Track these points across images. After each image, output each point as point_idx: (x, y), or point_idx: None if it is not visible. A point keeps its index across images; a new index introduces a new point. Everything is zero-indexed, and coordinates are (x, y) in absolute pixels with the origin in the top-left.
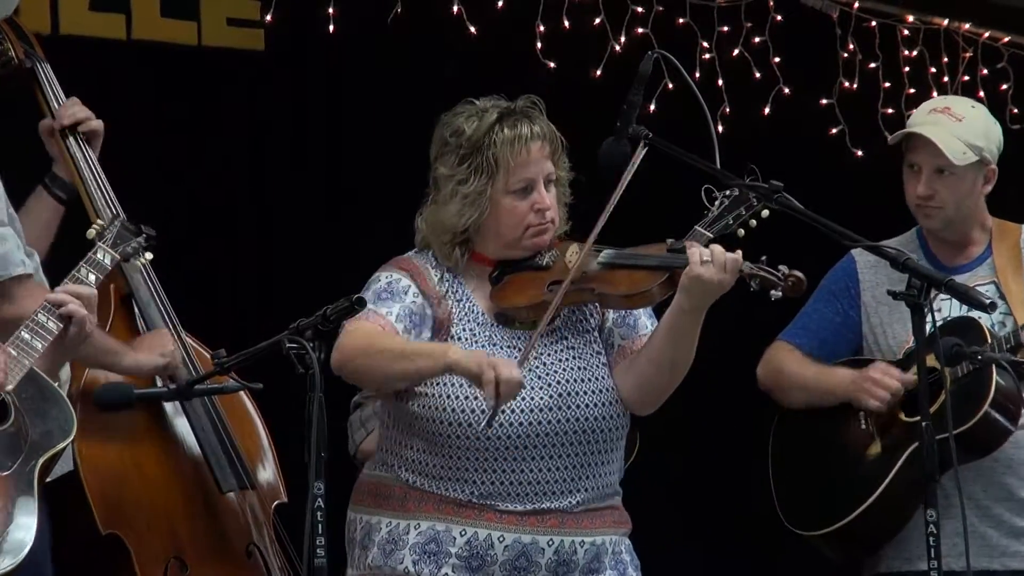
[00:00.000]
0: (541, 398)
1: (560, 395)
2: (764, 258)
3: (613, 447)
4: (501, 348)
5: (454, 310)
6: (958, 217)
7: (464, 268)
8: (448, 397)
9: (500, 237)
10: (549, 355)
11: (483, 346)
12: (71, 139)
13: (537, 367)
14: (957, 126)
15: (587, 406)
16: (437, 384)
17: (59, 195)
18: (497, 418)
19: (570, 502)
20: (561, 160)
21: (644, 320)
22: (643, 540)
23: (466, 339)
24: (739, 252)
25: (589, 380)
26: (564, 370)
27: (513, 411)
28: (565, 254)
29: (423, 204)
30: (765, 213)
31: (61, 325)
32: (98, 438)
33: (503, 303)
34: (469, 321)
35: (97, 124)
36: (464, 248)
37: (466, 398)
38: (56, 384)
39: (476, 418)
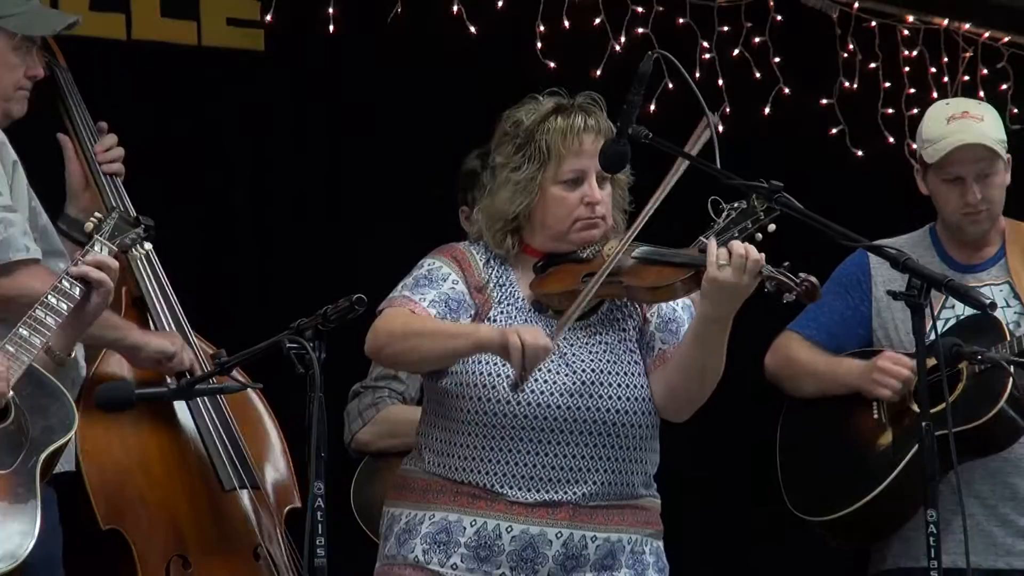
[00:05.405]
0: (564, 382)
1: (584, 382)
2: (787, 264)
3: (637, 445)
4: None
5: (496, 295)
6: (998, 213)
7: (514, 257)
8: (474, 373)
9: (548, 228)
10: (580, 345)
11: None
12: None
13: (566, 353)
14: (982, 126)
15: (610, 397)
16: (465, 362)
17: (78, 239)
18: (527, 384)
19: (580, 492)
20: None
21: (687, 327)
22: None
23: (502, 321)
24: (762, 255)
25: (616, 373)
26: (592, 359)
27: (535, 392)
28: (604, 248)
29: (480, 196)
30: (772, 227)
31: (69, 306)
32: (103, 434)
33: (539, 290)
34: (508, 306)
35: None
36: (516, 238)
37: (490, 375)
38: (72, 356)
39: (498, 394)
